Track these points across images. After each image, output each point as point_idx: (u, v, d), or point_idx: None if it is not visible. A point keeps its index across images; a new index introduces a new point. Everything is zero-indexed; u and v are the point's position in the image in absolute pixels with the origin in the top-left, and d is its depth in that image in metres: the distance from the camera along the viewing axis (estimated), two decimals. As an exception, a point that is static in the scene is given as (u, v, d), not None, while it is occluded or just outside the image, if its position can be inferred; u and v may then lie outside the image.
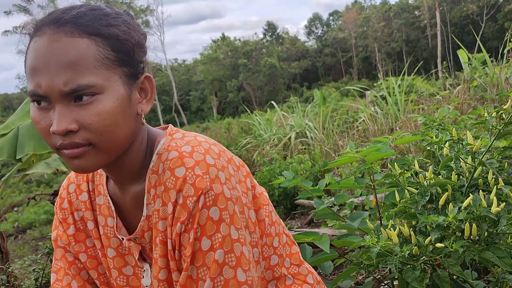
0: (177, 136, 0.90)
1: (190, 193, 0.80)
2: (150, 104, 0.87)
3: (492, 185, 1.20)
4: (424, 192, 1.16)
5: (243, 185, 0.89)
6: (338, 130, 7.53)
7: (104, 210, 0.97)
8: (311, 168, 5.41)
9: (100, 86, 0.78)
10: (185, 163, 0.82)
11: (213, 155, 0.84)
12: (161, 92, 47.67)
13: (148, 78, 0.87)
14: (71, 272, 1.01)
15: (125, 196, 0.94)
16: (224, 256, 0.81)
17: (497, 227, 1.04)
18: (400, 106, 6.78)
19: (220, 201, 0.81)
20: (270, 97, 41.48)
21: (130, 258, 0.96)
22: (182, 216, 0.81)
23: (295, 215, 4.98)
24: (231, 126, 14.65)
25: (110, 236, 0.96)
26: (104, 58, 0.79)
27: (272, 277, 0.96)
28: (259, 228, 0.93)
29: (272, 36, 62.21)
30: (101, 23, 0.80)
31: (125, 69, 0.82)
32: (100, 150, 0.81)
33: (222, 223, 0.81)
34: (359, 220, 1.56)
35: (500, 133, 1.18)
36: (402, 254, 1.02)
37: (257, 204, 0.93)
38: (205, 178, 0.81)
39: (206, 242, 0.80)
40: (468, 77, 5.97)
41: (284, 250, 0.99)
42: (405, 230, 1.09)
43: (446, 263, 1.01)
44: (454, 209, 1.04)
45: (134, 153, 0.89)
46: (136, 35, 0.85)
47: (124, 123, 0.81)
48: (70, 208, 1.01)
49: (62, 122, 0.77)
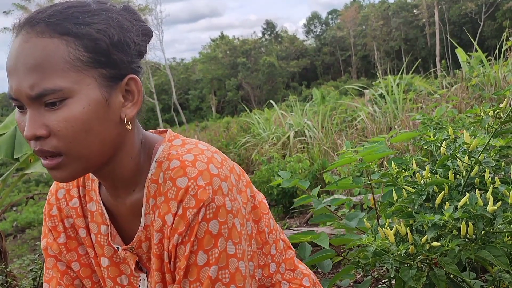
0: (177, 143, 0.85)
1: (190, 204, 0.77)
2: (136, 107, 0.81)
3: (488, 184, 1.20)
4: (421, 191, 1.16)
5: (243, 195, 0.85)
6: (337, 129, 7.53)
7: (97, 217, 0.92)
8: (310, 167, 5.41)
9: (69, 90, 0.73)
10: (187, 173, 0.78)
11: (216, 164, 0.81)
12: (160, 91, 47.54)
13: (134, 79, 0.80)
14: (64, 282, 0.96)
15: (119, 204, 0.89)
16: (217, 273, 0.78)
17: (493, 225, 1.04)
18: (399, 104, 6.78)
19: (221, 214, 0.78)
20: (269, 96, 41.46)
21: (125, 267, 0.92)
22: (180, 227, 0.78)
23: (294, 214, 4.99)
24: (230, 125, 14.64)
25: (103, 244, 0.92)
26: (75, 59, 0.73)
27: (270, 284, 0.95)
28: (260, 239, 0.91)
29: (270, 35, 62.18)
30: (75, 21, 0.75)
31: (102, 71, 0.76)
32: (72, 159, 0.76)
33: (220, 237, 0.78)
34: (356, 220, 1.56)
35: (496, 132, 1.18)
36: (398, 253, 1.02)
37: (257, 215, 0.91)
38: (208, 189, 0.77)
39: (203, 256, 0.78)
40: (466, 76, 5.97)
41: (280, 256, 0.97)
42: (401, 229, 1.09)
43: (442, 262, 1.01)
44: (450, 208, 1.04)
45: (125, 160, 0.84)
46: (119, 32, 0.78)
47: (100, 129, 0.76)
48: (59, 215, 0.96)
49: (30, 127, 0.74)
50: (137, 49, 0.82)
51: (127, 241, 0.91)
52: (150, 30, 0.85)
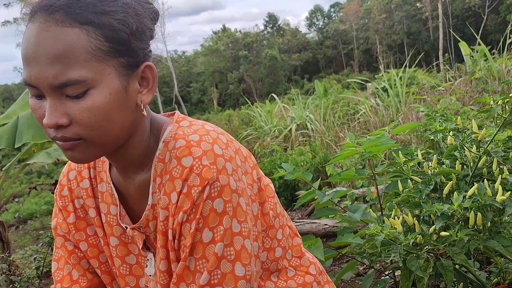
0: (184, 124, 0.87)
1: (195, 182, 0.78)
2: (151, 94, 0.83)
3: (496, 175, 1.19)
4: (429, 181, 1.15)
5: (249, 177, 0.86)
6: (339, 122, 7.52)
7: (107, 198, 0.94)
8: (312, 160, 5.41)
9: (92, 80, 0.74)
10: (192, 152, 0.79)
11: (221, 145, 0.82)
12: (161, 84, 47.54)
13: (149, 67, 0.81)
14: (71, 261, 0.99)
15: (128, 184, 0.91)
16: (223, 250, 0.79)
17: (502, 216, 1.03)
18: (402, 98, 6.75)
19: (226, 193, 0.79)
20: (271, 89, 41.43)
21: (133, 246, 0.94)
22: (185, 205, 0.79)
23: (296, 207, 5.00)
24: (231, 118, 14.62)
25: (113, 224, 0.94)
26: (96, 49, 0.74)
27: (276, 268, 0.95)
28: (264, 222, 0.91)
29: (273, 28, 61.95)
30: (94, 9, 0.74)
31: (122, 60, 0.77)
32: (92, 144, 0.78)
33: (225, 215, 0.79)
34: (360, 212, 1.55)
35: (506, 121, 1.16)
36: (406, 243, 1.01)
37: (262, 197, 0.91)
38: (212, 168, 0.78)
39: (208, 234, 0.79)
40: (470, 70, 5.94)
41: (287, 242, 0.97)
42: (409, 219, 1.08)
43: (450, 252, 1.00)
44: (459, 197, 1.03)
45: (137, 143, 0.86)
46: (136, 21, 0.78)
47: (119, 117, 0.78)
48: (70, 196, 0.99)
49: (52, 116, 0.74)
50: (149, 33, 0.82)
51: (136, 221, 0.93)
52: (158, 12, 0.85)
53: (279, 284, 0.94)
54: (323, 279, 1.01)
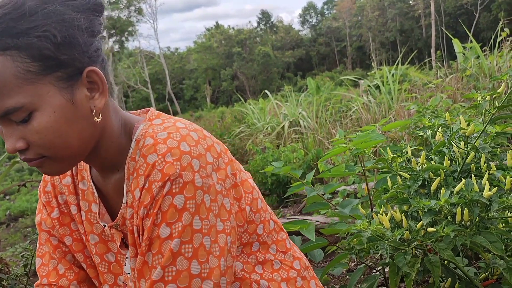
0: (156, 122, 0.86)
1: (156, 178, 0.78)
2: (104, 97, 0.81)
3: (484, 171, 1.19)
4: (417, 177, 1.15)
5: (221, 173, 0.85)
6: (331, 119, 7.53)
7: (88, 196, 0.95)
8: (304, 157, 5.41)
9: (30, 103, 0.73)
10: (157, 150, 0.79)
11: (189, 142, 0.80)
12: (154, 81, 47.24)
13: (93, 71, 0.79)
14: (56, 256, 1.00)
15: (106, 183, 0.93)
16: (180, 246, 0.77)
17: (489, 211, 1.03)
18: (394, 95, 6.78)
19: (188, 190, 0.77)
20: (264, 86, 41.39)
21: (113, 245, 0.95)
22: (145, 200, 0.79)
23: (288, 203, 5.00)
24: (224, 115, 14.60)
25: (93, 222, 0.95)
26: (26, 72, 0.72)
27: (256, 261, 0.94)
28: (242, 217, 0.90)
29: (266, 25, 61.86)
30: (12, 32, 0.72)
31: (58, 74, 0.75)
32: (56, 160, 0.79)
33: (185, 212, 0.77)
34: (349, 207, 1.55)
35: (493, 117, 1.17)
36: (393, 239, 1.01)
37: (238, 193, 0.90)
38: (175, 165, 0.77)
39: (165, 229, 0.78)
40: (461, 67, 5.97)
41: (269, 237, 0.96)
42: (396, 215, 1.08)
43: (437, 248, 1.00)
44: (446, 193, 1.03)
45: (107, 145, 0.86)
46: (63, 29, 0.74)
47: (73, 129, 0.78)
48: (53, 191, 1.00)
49: (9, 143, 0.76)
50: (89, 33, 0.79)
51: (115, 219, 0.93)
52: (100, 2, 0.82)
53: (265, 275, 0.93)
54: (309, 274, 1.00)
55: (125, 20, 42.27)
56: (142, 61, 43.59)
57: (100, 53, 0.83)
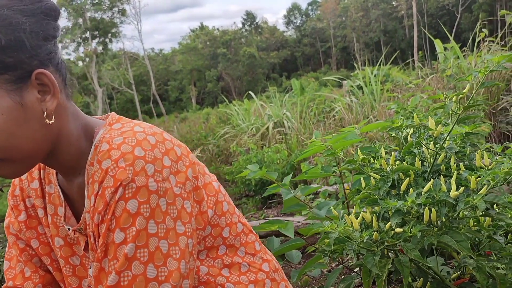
0: (116, 127, 0.86)
1: (109, 184, 0.78)
2: (56, 99, 0.81)
3: (454, 170, 1.20)
4: (387, 177, 1.16)
5: (181, 176, 0.84)
6: (315, 120, 7.57)
7: (54, 199, 0.96)
8: (288, 158, 5.43)
9: None
10: (111, 155, 0.79)
11: (145, 147, 0.80)
12: (138, 82, 46.87)
13: (43, 73, 0.79)
14: (23, 259, 1.01)
15: (71, 187, 0.93)
16: (135, 251, 0.77)
17: (456, 211, 1.04)
18: (376, 95, 6.83)
19: (141, 194, 0.77)
20: (250, 87, 41.40)
21: (78, 248, 0.96)
22: (100, 206, 0.79)
23: (272, 204, 5.01)
24: (209, 117, 14.55)
25: (59, 225, 0.96)
26: None
27: (222, 265, 0.94)
28: (202, 220, 0.90)
29: (251, 26, 61.92)
30: None
31: (5, 76, 0.76)
32: (12, 162, 0.80)
33: (139, 216, 0.77)
34: (326, 209, 1.56)
35: (459, 117, 1.18)
36: (361, 240, 1.02)
37: (199, 196, 0.89)
38: (128, 170, 0.77)
39: (119, 234, 0.77)
40: (442, 67, 6.04)
41: (236, 239, 0.96)
42: (366, 216, 1.09)
43: (405, 248, 1.01)
44: (413, 194, 1.04)
45: (65, 148, 0.86)
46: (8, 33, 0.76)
47: (24, 131, 0.78)
48: (21, 195, 1.01)
49: None
50: (40, 36, 0.80)
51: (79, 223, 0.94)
52: (54, 7, 0.83)
53: (232, 279, 0.93)
54: (279, 276, 1.00)
55: (109, 21, 41.89)
56: (126, 62, 43.24)
57: (55, 57, 0.83)
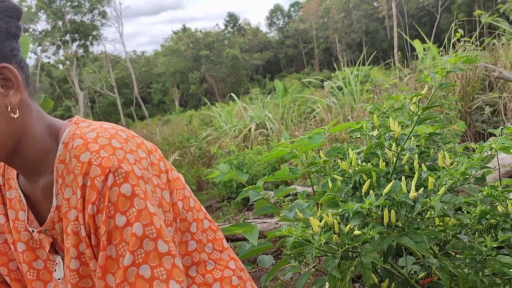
0: (83, 125, 0.88)
1: (97, 173, 0.78)
2: (19, 93, 0.83)
3: (417, 171, 1.20)
4: (349, 179, 1.16)
5: (155, 168, 0.87)
6: (296, 121, 7.59)
7: (15, 204, 0.95)
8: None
9: None
10: (89, 148, 0.80)
11: (119, 140, 0.83)
12: (121, 85, 46.40)
13: (6, 67, 0.81)
14: None
15: (34, 188, 0.92)
16: (143, 229, 0.78)
17: (414, 212, 1.04)
18: (356, 96, 6.88)
19: (132, 178, 0.79)
20: (233, 89, 41.38)
21: (42, 252, 0.95)
22: (92, 197, 0.79)
23: (253, 206, 5.00)
24: (193, 119, 14.49)
25: (20, 230, 0.95)
26: None
27: (191, 262, 0.95)
28: (173, 211, 0.91)
29: (233, 28, 61.88)
30: None
31: None
32: None
33: (135, 197, 0.78)
34: (295, 211, 1.55)
35: (419, 118, 1.19)
36: (320, 243, 1.01)
37: (170, 187, 0.92)
38: (112, 158, 0.79)
39: (121, 218, 0.78)
40: (419, 67, 6.11)
41: (204, 235, 0.98)
42: (328, 218, 1.08)
43: (364, 250, 1.01)
44: (371, 196, 1.04)
45: (29, 145, 0.86)
46: None
47: None
48: None
49: None
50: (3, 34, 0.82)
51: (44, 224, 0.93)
52: (16, 7, 0.85)
53: (197, 280, 0.94)
54: (245, 275, 1.01)
55: (89, 24, 41.40)
56: (108, 65, 42.80)
57: (17, 54, 0.84)
